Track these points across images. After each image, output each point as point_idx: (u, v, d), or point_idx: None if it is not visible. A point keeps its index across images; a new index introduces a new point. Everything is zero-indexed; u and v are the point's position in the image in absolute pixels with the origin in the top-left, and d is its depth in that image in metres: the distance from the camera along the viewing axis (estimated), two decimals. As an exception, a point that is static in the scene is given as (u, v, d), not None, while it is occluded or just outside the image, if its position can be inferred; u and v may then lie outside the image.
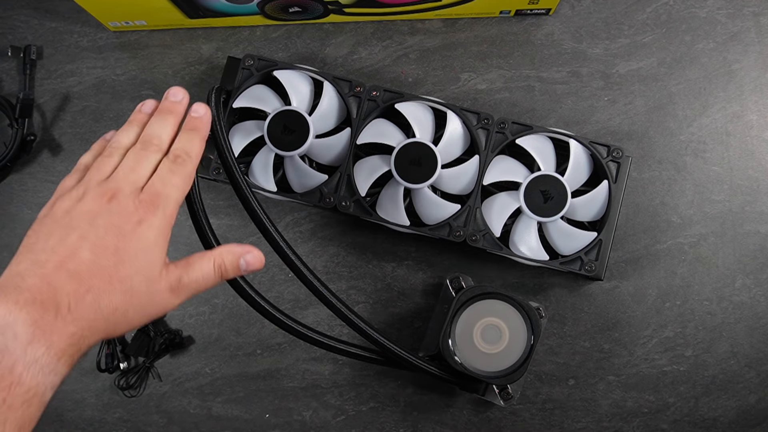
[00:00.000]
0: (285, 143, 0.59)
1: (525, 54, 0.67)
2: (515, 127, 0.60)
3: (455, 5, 0.64)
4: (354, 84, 0.60)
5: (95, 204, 0.40)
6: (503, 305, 0.57)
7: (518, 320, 0.57)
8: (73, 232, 0.39)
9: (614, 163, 0.59)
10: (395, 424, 0.64)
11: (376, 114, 0.61)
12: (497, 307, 0.57)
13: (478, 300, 0.57)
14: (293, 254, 0.51)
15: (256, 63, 0.61)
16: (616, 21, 0.67)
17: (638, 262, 0.64)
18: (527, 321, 0.56)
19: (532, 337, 0.56)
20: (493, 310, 0.57)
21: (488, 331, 0.57)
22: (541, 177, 0.58)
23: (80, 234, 0.39)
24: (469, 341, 0.57)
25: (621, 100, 0.66)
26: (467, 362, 0.56)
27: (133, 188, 0.41)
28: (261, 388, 0.65)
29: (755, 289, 0.64)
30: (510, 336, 0.57)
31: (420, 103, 0.60)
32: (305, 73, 0.61)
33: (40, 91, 0.68)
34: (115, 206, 0.40)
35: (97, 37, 0.69)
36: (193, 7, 0.63)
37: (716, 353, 0.64)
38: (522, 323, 0.57)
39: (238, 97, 0.60)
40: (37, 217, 0.41)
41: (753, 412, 0.63)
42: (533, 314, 0.56)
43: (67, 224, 0.39)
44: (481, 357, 0.57)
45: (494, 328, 0.57)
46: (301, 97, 0.60)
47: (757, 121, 0.66)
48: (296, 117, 0.59)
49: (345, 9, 0.64)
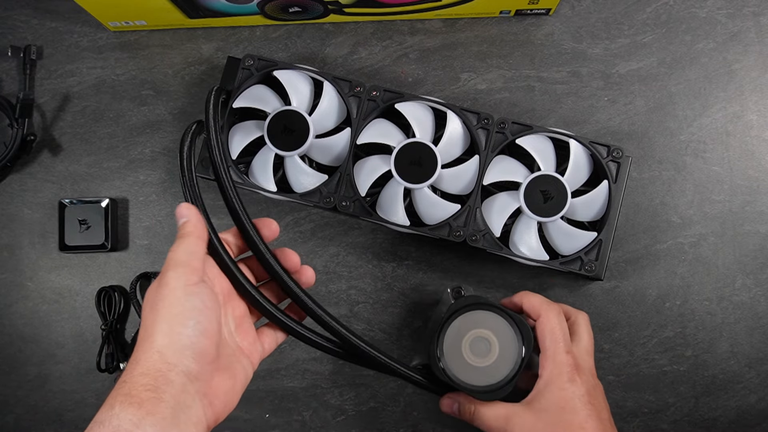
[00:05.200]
0: (285, 143, 0.59)
1: (525, 54, 0.67)
2: (515, 127, 0.60)
3: (455, 5, 0.64)
4: (354, 84, 0.60)
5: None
6: (496, 318, 0.54)
7: (510, 335, 0.53)
8: None
9: (614, 163, 0.59)
10: (395, 424, 0.64)
11: (376, 114, 0.60)
12: (490, 320, 0.54)
13: (470, 310, 0.54)
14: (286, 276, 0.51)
15: (256, 63, 0.61)
16: (616, 21, 0.67)
17: (638, 262, 0.64)
18: (519, 336, 0.53)
19: (524, 350, 0.52)
20: (485, 322, 0.54)
21: (477, 344, 0.54)
22: (541, 177, 0.58)
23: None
24: (457, 353, 0.54)
25: (621, 100, 0.66)
26: (455, 374, 0.53)
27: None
28: (261, 388, 0.65)
29: (755, 289, 0.64)
30: (500, 350, 0.53)
31: (420, 103, 0.60)
32: (305, 73, 0.61)
33: (40, 91, 0.68)
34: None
35: (97, 37, 0.69)
36: (193, 7, 0.63)
37: (716, 353, 0.64)
38: (514, 338, 0.53)
39: (238, 97, 0.60)
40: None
41: (753, 412, 0.63)
42: (525, 330, 0.53)
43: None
44: (469, 370, 0.53)
45: (484, 340, 0.54)
46: (301, 97, 0.60)
47: (757, 121, 0.66)
48: (296, 117, 0.59)
49: (345, 9, 0.64)
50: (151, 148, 0.68)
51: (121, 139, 0.68)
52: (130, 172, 0.67)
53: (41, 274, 0.67)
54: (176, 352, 0.40)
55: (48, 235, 0.67)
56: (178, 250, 0.43)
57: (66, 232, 0.65)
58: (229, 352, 0.45)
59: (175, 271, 0.42)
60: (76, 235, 0.65)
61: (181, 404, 0.38)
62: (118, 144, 0.68)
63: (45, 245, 0.67)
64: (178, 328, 0.40)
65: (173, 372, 0.39)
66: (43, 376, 0.66)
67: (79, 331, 0.66)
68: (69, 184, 0.67)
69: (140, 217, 0.67)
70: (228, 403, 0.43)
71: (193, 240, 0.44)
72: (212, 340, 0.41)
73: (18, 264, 0.67)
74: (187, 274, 0.42)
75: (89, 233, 0.65)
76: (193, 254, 0.43)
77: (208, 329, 0.41)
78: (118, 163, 0.68)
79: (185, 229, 0.44)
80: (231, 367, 0.44)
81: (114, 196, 0.67)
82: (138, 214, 0.67)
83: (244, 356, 0.46)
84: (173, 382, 0.39)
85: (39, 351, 0.66)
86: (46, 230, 0.67)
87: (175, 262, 0.43)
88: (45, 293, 0.67)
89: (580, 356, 0.51)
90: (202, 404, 0.40)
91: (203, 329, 0.41)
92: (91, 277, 0.67)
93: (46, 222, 0.67)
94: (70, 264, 0.67)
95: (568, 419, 0.48)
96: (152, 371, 0.39)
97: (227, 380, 0.43)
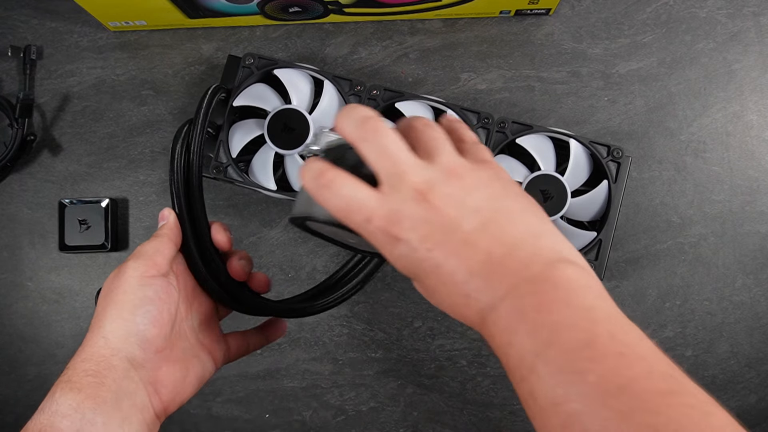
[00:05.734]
0: (285, 142, 0.59)
1: (525, 54, 0.67)
2: (515, 126, 0.60)
3: (455, 5, 0.64)
4: (354, 83, 0.60)
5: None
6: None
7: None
8: None
9: (614, 163, 0.59)
10: (395, 424, 0.64)
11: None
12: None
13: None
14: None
15: (256, 61, 0.61)
16: (616, 21, 0.67)
17: (638, 262, 0.64)
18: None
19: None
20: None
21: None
22: (540, 176, 0.58)
23: None
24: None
25: (621, 100, 0.66)
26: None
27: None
28: (261, 388, 0.65)
29: (755, 289, 0.64)
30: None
31: (420, 102, 0.60)
32: (306, 72, 0.61)
33: (40, 91, 0.68)
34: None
35: (97, 37, 0.69)
36: (193, 7, 0.63)
37: (716, 353, 0.64)
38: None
39: (239, 96, 0.60)
40: None
41: (753, 412, 0.63)
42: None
43: None
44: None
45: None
46: (301, 96, 0.60)
47: (757, 121, 0.66)
48: (296, 116, 0.59)
49: (345, 9, 0.64)
50: (151, 148, 0.68)
51: (121, 139, 0.68)
52: (130, 172, 0.67)
53: (41, 274, 0.67)
54: (121, 338, 0.40)
55: (48, 235, 0.67)
56: (146, 245, 0.45)
57: (66, 232, 0.65)
58: (186, 346, 0.45)
59: (136, 261, 0.43)
60: (76, 235, 0.65)
61: (123, 389, 0.39)
62: (118, 144, 0.68)
63: (45, 245, 0.67)
64: (127, 315, 0.41)
65: (116, 357, 0.40)
66: (43, 376, 0.66)
67: (79, 331, 0.66)
68: (69, 184, 0.67)
69: (140, 217, 0.67)
70: (178, 393, 0.43)
71: (164, 240, 0.46)
72: (162, 331, 0.42)
73: (18, 264, 0.67)
74: (146, 266, 0.43)
75: (89, 233, 0.65)
76: (159, 252, 0.45)
77: (158, 319, 0.42)
78: (118, 163, 0.68)
79: (161, 230, 0.47)
80: (185, 360, 0.44)
81: (114, 196, 0.67)
82: (138, 214, 0.67)
83: (204, 352, 0.46)
84: (116, 367, 0.39)
85: (39, 351, 0.66)
86: (46, 230, 0.67)
87: (138, 255, 0.44)
88: (45, 293, 0.67)
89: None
90: (147, 392, 0.41)
91: (153, 318, 0.42)
92: (91, 277, 0.67)
93: (46, 222, 0.67)
94: (70, 264, 0.67)
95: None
96: (95, 357, 0.39)
97: (178, 371, 0.43)
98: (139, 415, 0.39)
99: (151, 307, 0.42)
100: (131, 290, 0.42)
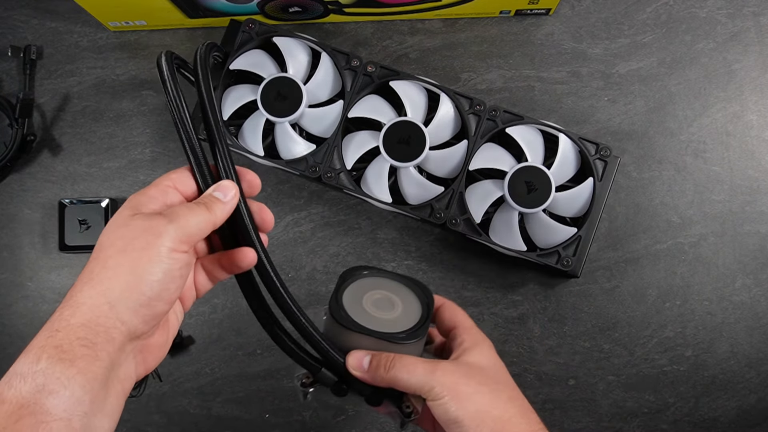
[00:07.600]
0: (277, 109, 0.59)
1: (525, 54, 0.67)
2: (506, 116, 0.59)
3: (455, 5, 0.64)
4: (351, 56, 0.60)
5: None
6: (390, 282, 0.49)
7: (409, 294, 0.48)
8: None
9: (601, 161, 0.58)
10: (395, 424, 0.64)
11: (370, 89, 0.61)
12: (385, 284, 0.49)
13: (363, 277, 0.49)
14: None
15: (256, 27, 0.61)
16: (616, 21, 0.67)
17: (638, 262, 0.64)
18: (419, 293, 0.48)
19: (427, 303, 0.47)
20: (381, 285, 0.49)
21: (379, 302, 0.47)
22: (527, 168, 0.58)
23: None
24: (359, 309, 0.46)
25: (621, 100, 0.66)
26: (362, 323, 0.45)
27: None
28: (261, 388, 0.65)
29: (755, 289, 0.64)
30: (403, 306, 0.47)
31: (415, 83, 0.60)
32: (304, 43, 0.61)
33: (40, 91, 0.68)
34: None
35: (97, 37, 0.69)
36: (193, 7, 0.63)
37: (716, 353, 0.64)
38: (414, 297, 0.48)
39: (236, 60, 0.60)
40: None
41: (753, 412, 0.63)
42: (424, 288, 0.48)
43: None
44: (375, 322, 0.45)
45: (385, 299, 0.48)
46: (297, 66, 0.61)
47: (757, 121, 0.66)
48: (291, 84, 0.59)
49: (345, 9, 0.64)
50: (151, 148, 0.68)
51: (121, 139, 0.68)
52: (130, 172, 0.67)
53: (41, 274, 0.67)
54: (130, 310, 0.35)
55: (48, 235, 0.67)
56: (190, 216, 0.38)
57: (66, 232, 0.65)
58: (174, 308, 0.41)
59: (176, 232, 0.37)
60: (76, 235, 0.65)
61: (114, 363, 0.35)
62: (118, 144, 0.68)
63: (45, 245, 0.67)
64: (145, 289, 0.36)
65: (118, 330, 0.35)
66: (43, 376, 0.66)
67: (79, 331, 0.66)
68: (69, 184, 0.67)
69: (140, 217, 0.67)
70: (159, 357, 0.40)
71: (211, 220, 0.39)
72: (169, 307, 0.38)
73: (18, 264, 0.67)
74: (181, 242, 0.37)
75: (89, 233, 0.65)
76: (202, 231, 0.39)
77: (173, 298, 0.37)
78: (118, 163, 0.68)
79: (214, 207, 0.40)
80: (167, 321, 0.40)
81: (114, 196, 0.67)
82: (138, 214, 0.67)
83: (179, 305, 0.42)
84: (114, 340, 0.34)
85: (39, 351, 0.66)
86: (46, 230, 0.67)
87: (179, 222, 0.37)
88: (45, 293, 0.67)
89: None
90: (135, 361, 0.37)
91: (170, 298, 0.37)
92: (91, 277, 0.67)
93: (46, 222, 0.67)
94: (70, 264, 0.67)
95: (500, 374, 0.44)
96: (94, 324, 0.34)
97: (162, 335, 0.40)
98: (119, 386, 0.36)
99: (172, 286, 0.37)
100: (158, 260, 0.36)
